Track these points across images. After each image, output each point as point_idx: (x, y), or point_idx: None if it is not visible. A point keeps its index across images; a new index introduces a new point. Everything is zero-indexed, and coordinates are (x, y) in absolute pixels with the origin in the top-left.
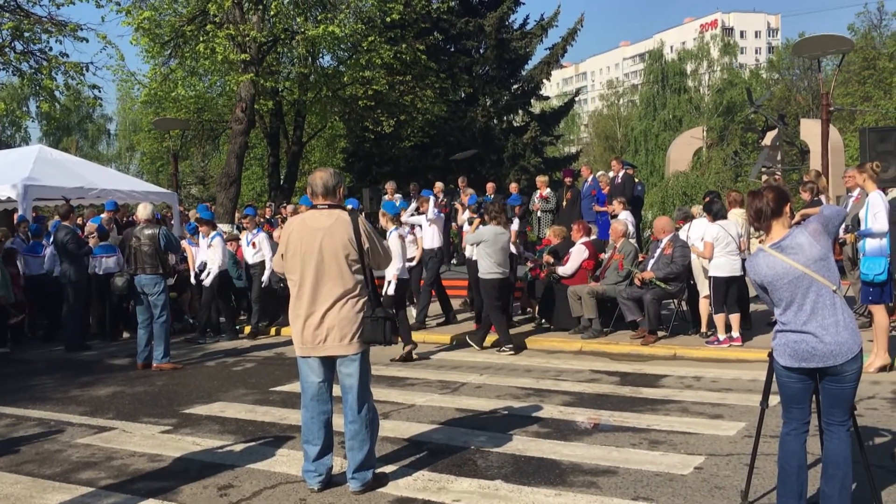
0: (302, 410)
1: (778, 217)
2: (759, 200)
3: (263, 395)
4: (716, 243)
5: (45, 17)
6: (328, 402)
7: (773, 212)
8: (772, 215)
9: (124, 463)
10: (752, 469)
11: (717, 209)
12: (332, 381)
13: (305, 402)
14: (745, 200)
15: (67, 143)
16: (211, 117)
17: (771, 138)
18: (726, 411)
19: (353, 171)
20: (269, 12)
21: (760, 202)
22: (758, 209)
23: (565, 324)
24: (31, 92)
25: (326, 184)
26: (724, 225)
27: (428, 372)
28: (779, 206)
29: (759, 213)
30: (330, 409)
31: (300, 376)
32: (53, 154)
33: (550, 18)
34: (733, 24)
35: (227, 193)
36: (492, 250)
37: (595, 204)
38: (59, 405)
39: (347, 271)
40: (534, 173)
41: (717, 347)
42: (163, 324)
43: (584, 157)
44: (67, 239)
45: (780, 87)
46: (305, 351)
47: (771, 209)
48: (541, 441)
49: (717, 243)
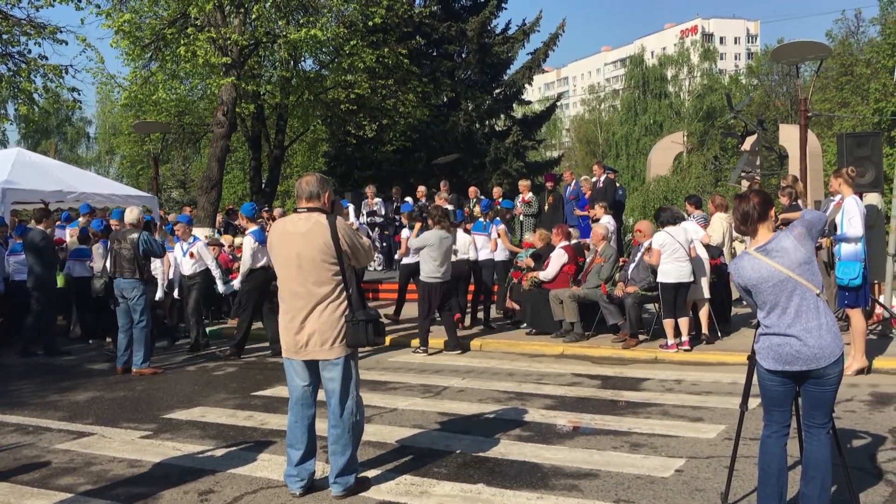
0: (288, 414)
1: (763, 221)
2: (746, 204)
3: (245, 400)
4: (662, 250)
5: (24, 19)
6: (312, 407)
7: (760, 215)
8: (758, 219)
9: (104, 468)
10: (731, 471)
11: (665, 217)
12: (318, 385)
13: (291, 405)
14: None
15: (46, 146)
16: (192, 121)
17: (750, 143)
18: (706, 414)
19: (335, 174)
20: (251, 15)
21: (747, 206)
22: (745, 212)
23: (547, 327)
24: (10, 94)
25: (311, 189)
26: (672, 231)
27: (410, 376)
28: (765, 209)
29: (745, 216)
30: (313, 414)
31: (287, 379)
32: (32, 157)
33: (532, 23)
34: (713, 30)
35: (209, 197)
36: (436, 254)
37: (577, 208)
38: (38, 410)
39: (326, 275)
40: (516, 177)
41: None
42: (143, 328)
43: (566, 161)
44: (43, 244)
45: (760, 92)
46: (290, 354)
47: (757, 213)
48: (523, 444)
49: (664, 250)
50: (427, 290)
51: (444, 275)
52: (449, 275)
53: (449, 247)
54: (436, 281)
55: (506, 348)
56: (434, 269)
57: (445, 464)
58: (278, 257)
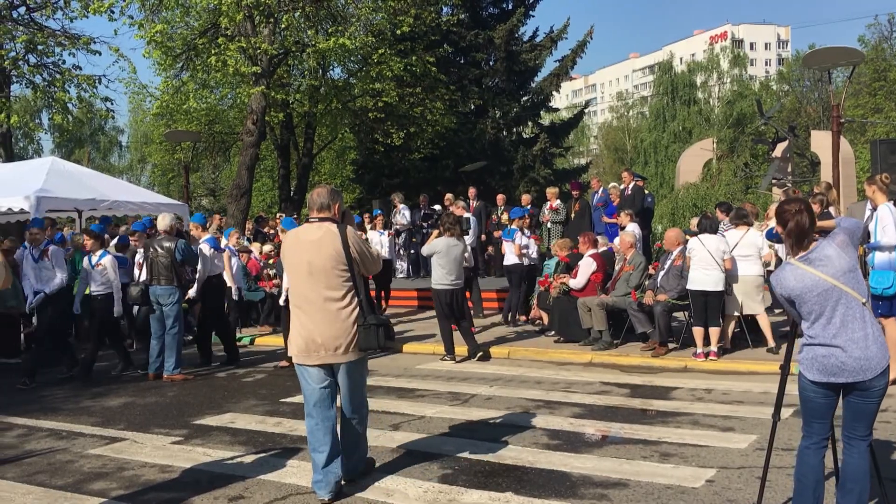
0: (306, 419)
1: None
2: (802, 216)
3: (274, 406)
4: (692, 256)
5: (59, 30)
6: (332, 408)
7: (811, 226)
8: (809, 230)
9: (135, 474)
10: (764, 482)
11: (704, 225)
12: (335, 387)
13: (309, 410)
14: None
15: (79, 155)
16: (222, 129)
17: (781, 150)
18: (737, 424)
19: (363, 182)
20: (281, 25)
21: (804, 218)
22: (802, 226)
23: (575, 335)
24: (45, 104)
25: (322, 200)
26: (704, 239)
27: (437, 383)
28: (814, 219)
29: (803, 229)
30: (334, 415)
31: (301, 385)
32: (66, 166)
33: (560, 31)
34: (743, 36)
35: (238, 205)
36: (444, 261)
37: (604, 215)
38: (71, 416)
39: (337, 281)
40: (543, 185)
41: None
42: (175, 335)
43: (594, 168)
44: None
45: (791, 98)
46: (302, 359)
47: (809, 223)
48: (551, 453)
49: (693, 255)
50: (436, 297)
51: (454, 282)
52: (460, 282)
53: (458, 254)
54: (444, 288)
55: (534, 356)
56: (442, 276)
57: (473, 472)
58: (290, 265)
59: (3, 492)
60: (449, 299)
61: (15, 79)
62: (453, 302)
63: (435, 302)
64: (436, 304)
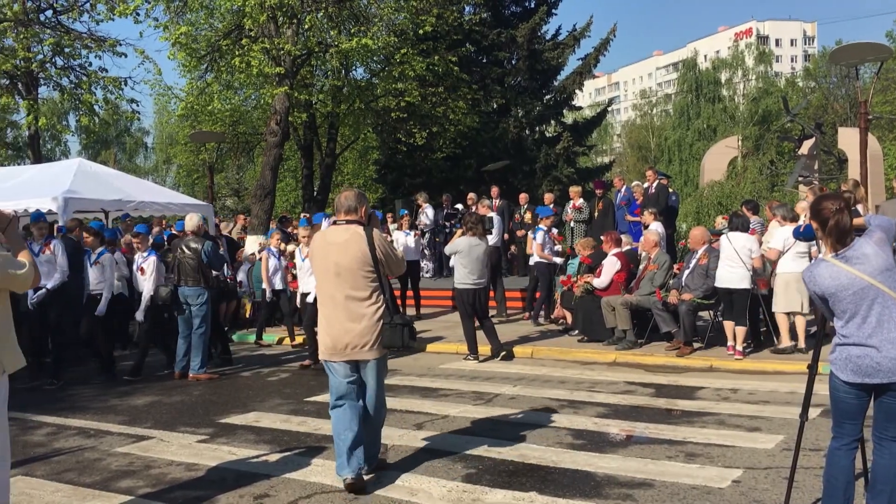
0: (332, 410)
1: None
2: (843, 215)
3: (298, 405)
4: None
5: (85, 33)
6: (358, 401)
7: (852, 223)
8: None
9: (162, 472)
10: (791, 483)
11: (736, 223)
12: (360, 383)
13: (334, 402)
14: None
15: (106, 157)
16: (246, 130)
17: (808, 147)
18: (764, 424)
19: (386, 182)
20: (304, 26)
21: (844, 217)
22: (843, 225)
23: (599, 335)
24: (71, 106)
25: (349, 203)
26: (732, 237)
27: (461, 383)
28: (852, 216)
29: (844, 228)
30: (361, 406)
31: (329, 380)
32: (93, 167)
33: (583, 29)
34: (768, 33)
35: (262, 205)
36: (466, 261)
37: (628, 213)
38: (99, 414)
39: (363, 281)
40: (566, 184)
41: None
42: (201, 335)
43: (617, 167)
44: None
45: (817, 95)
46: (329, 356)
47: (850, 221)
48: (575, 453)
49: (721, 253)
50: (459, 297)
51: (476, 281)
52: (482, 281)
53: (480, 254)
54: (466, 287)
55: (557, 356)
56: (464, 275)
57: (497, 471)
58: (318, 266)
59: (32, 489)
60: (471, 299)
61: (42, 81)
62: (476, 301)
63: (457, 301)
64: (458, 303)
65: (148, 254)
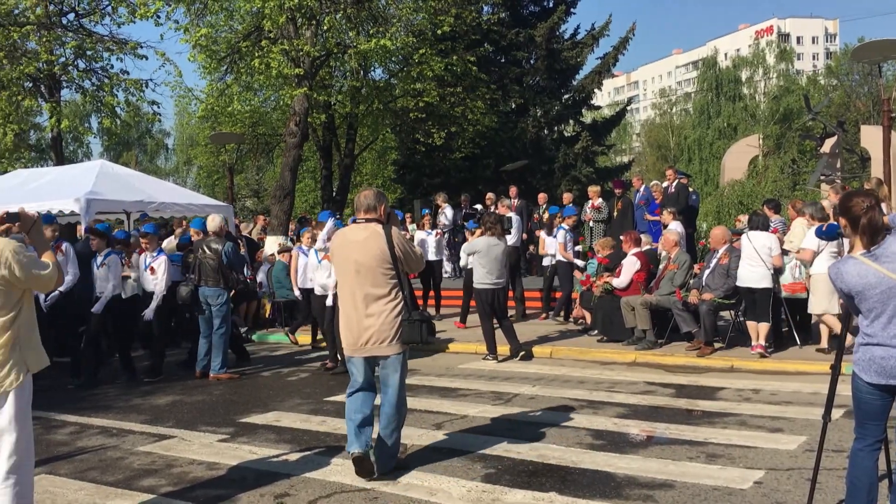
0: (347, 398)
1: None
2: (875, 212)
3: (318, 405)
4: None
5: (107, 35)
6: (373, 390)
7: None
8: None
9: (184, 471)
10: (814, 484)
11: (755, 222)
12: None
13: (353, 390)
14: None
15: (127, 158)
16: (265, 131)
17: (830, 146)
18: (786, 425)
19: (404, 182)
20: (322, 27)
21: (876, 214)
22: (876, 223)
23: (619, 335)
24: (93, 108)
25: (369, 202)
26: (752, 236)
27: (480, 383)
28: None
29: (877, 226)
30: (374, 395)
31: (349, 372)
32: (114, 169)
33: (602, 28)
34: (789, 30)
35: (282, 206)
36: (485, 261)
37: (647, 213)
38: (121, 413)
39: (382, 278)
40: (585, 183)
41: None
42: (221, 335)
43: (637, 166)
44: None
45: (839, 93)
46: (351, 351)
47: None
48: (595, 453)
49: (742, 252)
50: (478, 297)
51: (495, 281)
52: (501, 281)
53: (498, 253)
54: (485, 287)
55: (576, 356)
56: (483, 275)
57: (517, 471)
58: (339, 263)
59: (55, 487)
60: (490, 298)
61: (65, 84)
62: (495, 301)
63: (476, 301)
64: (477, 303)
65: (157, 253)
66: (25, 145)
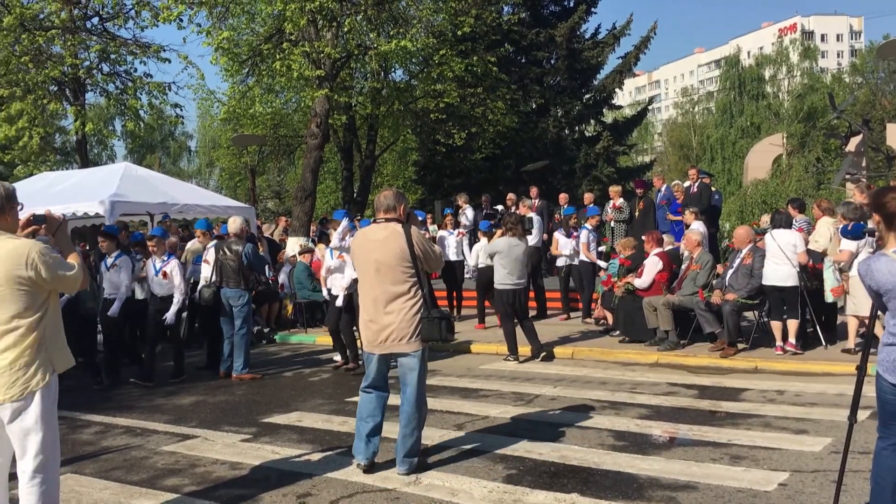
0: (361, 394)
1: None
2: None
3: (339, 406)
4: (766, 251)
5: (130, 39)
6: (386, 390)
7: None
8: None
9: (207, 470)
10: (839, 486)
11: (777, 220)
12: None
13: (364, 387)
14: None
15: (151, 160)
16: (287, 133)
17: (855, 144)
18: (811, 426)
19: (425, 183)
20: (343, 29)
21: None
22: None
23: (641, 335)
24: (117, 111)
25: (388, 202)
26: (776, 234)
27: (501, 384)
28: None
29: None
30: (387, 396)
31: (366, 367)
32: (138, 171)
33: (623, 27)
34: (813, 28)
35: (303, 207)
36: (506, 261)
37: (669, 213)
38: (146, 413)
39: (402, 276)
40: (607, 183)
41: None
42: (243, 336)
43: (659, 166)
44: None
45: (864, 91)
46: (370, 348)
47: None
48: (617, 454)
49: (767, 251)
50: (499, 297)
51: (516, 282)
52: (522, 281)
53: (519, 254)
54: (506, 288)
55: (598, 356)
56: (503, 276)
57: (538, 472)
58: (359, 262)
59: (81, 486)
60: (511, 299)
61: (89, 87)
62: (516, 302)
63: (497, 302)
64: (498, 304)
65: (168, 257)
66: (51, 148)
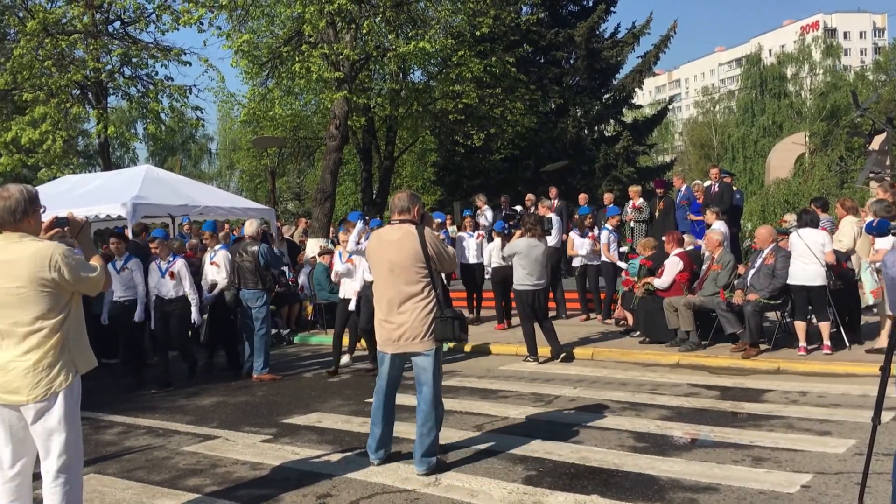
0: (375, 395)
1: None
2: None
3: (359, 406)
4: (792, 250)
5: (151, 43)
6: (395, 390)
7: None
8: None
9: (228, 470)
10: (863, 488)
11: (805, 219)
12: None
13: (379, 389)
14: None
15: (172, 163)
16: (306, 135)
17: (879, 142)
18: (835, 428)
19: (444, 184)
20: (362, 31)
21: None
22: None
23: (661, 336)
24: (139, 114)
25: (402, 204)
26: (803, 233)
27: (521, 384)
28: None
29: None
30: (394, 396)
31: (379, 366)
32: (160, 173)
33: (642, 26)
34: (836, 25)
35: (322, 209)
36: (525, 262)
37: (689, 213)
38: (167, 414)
39: (415, 277)
40: (626, 183)
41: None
42: (262, 336)
43: (679, 165)
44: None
45: (888, 88)
46: (384, 348)
47: None
48: (638, 456)
49: (793, 250)
50: (518, 298)
51: (535, 283)
52: (542, 282)
53: (539, 255)
54: (525, 288)
55: (618, 357)
56: (523, 276)
57: (558, 473)
58: (374, 263)
59: (104, 486)
60: (531, 300)
61: (111, 91)
62: (535, 302)
63: (517, 303)
64: (518, 304)
65: (173, 258)
66: (74, 151)
